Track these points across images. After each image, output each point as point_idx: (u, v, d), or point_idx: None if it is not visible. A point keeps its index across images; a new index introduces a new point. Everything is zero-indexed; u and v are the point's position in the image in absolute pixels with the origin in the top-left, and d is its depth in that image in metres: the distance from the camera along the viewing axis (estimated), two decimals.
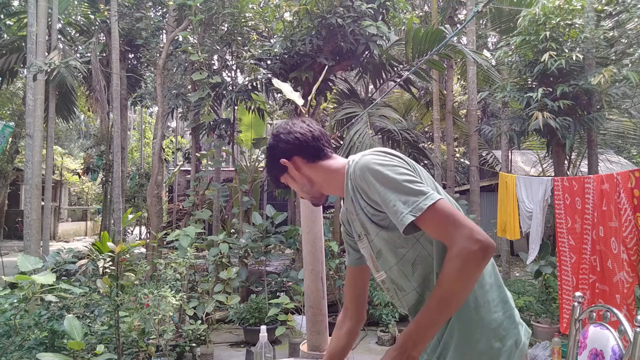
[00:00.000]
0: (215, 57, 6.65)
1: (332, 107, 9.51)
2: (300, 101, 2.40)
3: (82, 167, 12.88)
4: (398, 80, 7.33)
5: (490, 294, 1.24)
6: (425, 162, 7.75)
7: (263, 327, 2.08)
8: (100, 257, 3.60)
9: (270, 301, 5.29)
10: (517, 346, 1.21)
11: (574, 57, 5.23)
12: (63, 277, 5.14)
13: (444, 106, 8.95)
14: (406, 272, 1.29)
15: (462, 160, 12.87)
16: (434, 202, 1.10)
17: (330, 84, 6.84)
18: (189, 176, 9.65)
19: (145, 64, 8.97)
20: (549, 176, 6.60)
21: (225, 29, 6.56)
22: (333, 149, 1.46)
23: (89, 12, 9.80)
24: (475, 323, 1.20)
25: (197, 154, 6.98)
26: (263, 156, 11.27)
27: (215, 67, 6.61)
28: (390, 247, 1.28)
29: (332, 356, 1.54)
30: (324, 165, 1.42)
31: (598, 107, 5.74)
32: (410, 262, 1.26)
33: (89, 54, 8.50)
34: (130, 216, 4.03)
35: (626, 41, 6.17)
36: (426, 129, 12.45)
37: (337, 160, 1.42)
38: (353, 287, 1.55)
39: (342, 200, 1.44)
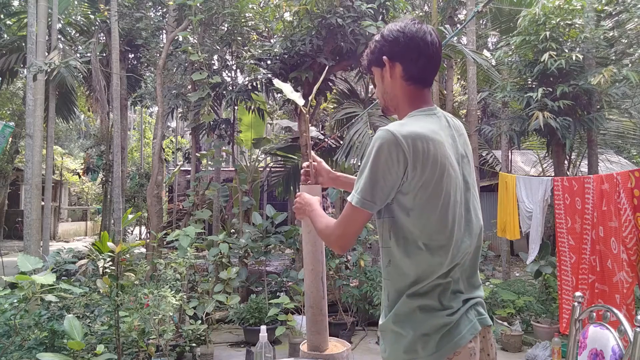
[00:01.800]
0: (215, 57, 6.64)
1: (332, 107, 9.51)
2: (300, 101, 2.38)
3: (82, 167, 12.88)
4: None
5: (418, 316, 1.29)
6: None
7: (263, 327, 2.08)
8: (100, 257, 3.60)
9: (270, 301, 5.29)
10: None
11: (574, 57, 5.23)
12: (63, 277, 5.14)
13: (444, 106, 8.95)
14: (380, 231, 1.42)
15: None
16: (352, 203, 1.30)
17: (330, 84, 6.83)
18: (189, 176, 9.65)
19: (145, 64, 8.97)
20: (549, 176, 6.60)
21: (225, 29, 6.55)
22: (429, 89, 1.41)
23: (89, 12, 9.79)
24: (399, 337, 1.32)
25: (197, 154, 6.97)
26: (263, 156, 11.33)
27: (215, 67, 6.61)
28: None
29: None
30: (413, 91, 1.37)
31: (598, 107, 5.74)
32: (380, 225, 1.39)
33: (89, 54, 8.51)
34: (130, 216, 4.03)
35: (626, 41, 6.17)
36: None
37: (422, 99, 1.37)
38: None
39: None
